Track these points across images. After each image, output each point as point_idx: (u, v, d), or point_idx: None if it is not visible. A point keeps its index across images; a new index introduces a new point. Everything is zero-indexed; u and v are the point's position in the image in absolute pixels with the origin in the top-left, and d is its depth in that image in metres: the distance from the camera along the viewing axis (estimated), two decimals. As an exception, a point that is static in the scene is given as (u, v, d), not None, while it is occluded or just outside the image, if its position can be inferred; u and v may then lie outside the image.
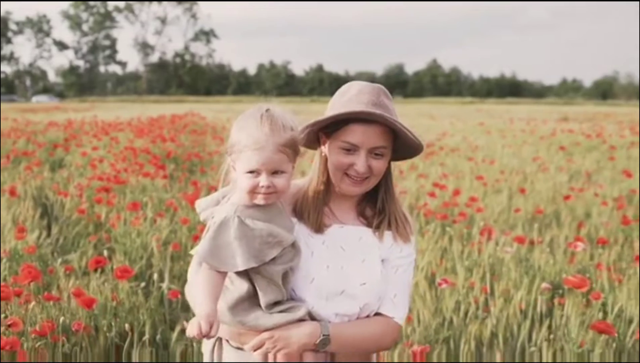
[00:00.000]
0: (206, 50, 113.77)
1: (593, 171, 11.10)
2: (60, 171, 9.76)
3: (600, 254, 5.03)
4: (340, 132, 1.86)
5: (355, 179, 1.87)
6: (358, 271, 1.88)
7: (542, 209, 6.91)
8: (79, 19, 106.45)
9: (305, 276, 1.84)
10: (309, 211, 1.93)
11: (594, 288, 4.07)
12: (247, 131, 1.72)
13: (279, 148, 1.71)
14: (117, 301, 3.52)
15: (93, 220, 6.34)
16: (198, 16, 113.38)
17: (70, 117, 24.64)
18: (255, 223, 1.72)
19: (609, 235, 5.91)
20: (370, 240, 1.94)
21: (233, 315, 1.77)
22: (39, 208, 6.93)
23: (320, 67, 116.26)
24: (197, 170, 10.33)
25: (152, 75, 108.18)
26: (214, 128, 19.46)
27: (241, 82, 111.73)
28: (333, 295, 1.85)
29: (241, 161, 1.72)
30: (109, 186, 7.31)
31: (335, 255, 1.89)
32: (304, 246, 1.88)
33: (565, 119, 32.11)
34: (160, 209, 6.52)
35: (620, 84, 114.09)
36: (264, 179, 1.70)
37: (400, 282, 1.95)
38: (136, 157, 10.41)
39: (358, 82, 1.95)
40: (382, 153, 1.86)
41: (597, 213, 7.02)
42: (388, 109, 1.86)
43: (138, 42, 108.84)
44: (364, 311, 1.88)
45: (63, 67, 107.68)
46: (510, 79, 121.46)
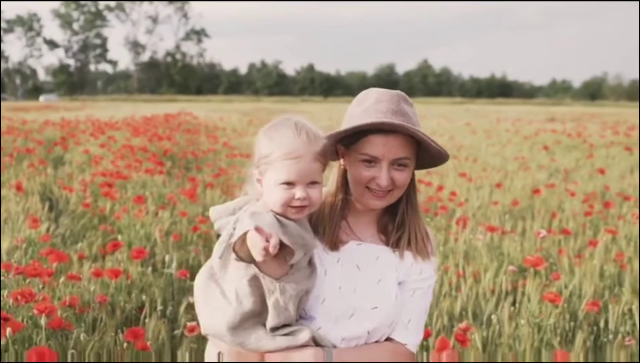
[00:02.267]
0: (197, 49, 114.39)
1: (572, 169, 11.59)
2: (62, 168, 10.18)
3: (563, 242, 5.51)
4: (360, 144, 1.78)
5: (378, 192, 1.79)
6: (371, 294, 1.79)
7: (519, 201, 7.40)
8: (69, 18, 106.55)
9: (317, 296, 1.77)
10: (324, 226, 1.85)
11: (554, 269, 4.56)
12: (282, 141, 1.66)
13: (316, 156, 1.66)
14: (131, 280, 3.98)
15: (97, 213, 6.76)
16: (189, 15, 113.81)
17: (64, 116, 24.98)
18: (287, 222, 1.65)
19: (577, 226, 6.39)
20: (388, 260, 1.85)
21: (234, 335, 1.69)
22: (46, 202, 7.35)
23: (312, 67, 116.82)
24: (193, 167, 10.78)
25: (143, 74, 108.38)
26: (207, 127, 19.91)
27: (232, 82, 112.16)
28: (342, 318, 1.77)
29: (274, 172, 1.65)
30: (111, 181, 7.74)
31: (350, 274, 1.81)
32: (318, 263, 1.79)
33: (552, 119, 32.67)
34: (161, 203, 6.96)
35: (609, 85, 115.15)
36: (300, 191, 1.64)
37: (416, 307, 1.85)
38: (134, 155, 10.84)
39: (376, 90, 1.85)
40: (405, 164, 1.78)
41: (569, 206, 7.51)
42: (409, 116, 1.77)
43: (129, 41, 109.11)
44: (372, 336, 1.79)
45: (53, 66, 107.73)
46: (500, 79, 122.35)
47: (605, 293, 4.28)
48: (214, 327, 1.72)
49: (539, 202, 7.78)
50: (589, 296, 4.03)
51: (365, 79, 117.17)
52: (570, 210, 7.23)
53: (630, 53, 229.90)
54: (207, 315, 1.74)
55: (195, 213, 6.53)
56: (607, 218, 6.84)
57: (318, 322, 1.75)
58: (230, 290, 1.69)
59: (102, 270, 3.94)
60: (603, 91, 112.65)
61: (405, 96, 1.81)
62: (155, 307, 3.68)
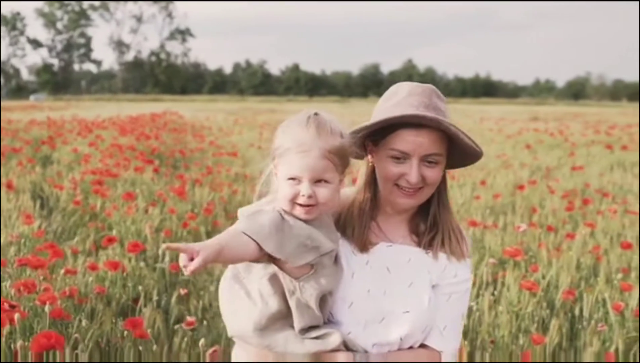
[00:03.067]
0: (182, 49, 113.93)
1: (553, 167, 11.83)
2: (51, 167, 10.28)
3: (543, 236, 5.70)
4: (389, 140, 1.69)
5: (408, 190, 1.70)
6: (402, 298, 1.71)
7: (500, 197, 7.60)
8: (53, 17, 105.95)
9: (343, 299, 1.69)
10: (353, 226, 1.76)
11: (533, 262, 4.75)
12: (292, 133, 1.59)
13: (324, 153, 1.56)
14: (126, 273, 4.13)
15: (88, 211, 6.88)
16: (174, 15, 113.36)
17: (49, 115, 24.98)
18: (296, 222, 1.58)
19: (557, 221, 6.60)
20: (421, 261, 1.76)
21: (261, 336, 1.64)
22: (37, 200, 7.45)
23: (297, 67, 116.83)
24: (181, 166, 10.91)
25: (127, 74, 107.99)
26: (193, 126, 20.01)
27: (217, 81, 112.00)
28: (372, 322, 1.68)
29: (283, 166, 1.59)
30: (101, 179, 7.85)
31: (379, 277, 1.73)
32: (345, 265, 1.71)
33: (535, 118, 33.02)
34: (151, 200, 7.09)
35: (592, 85, 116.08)
36: (305, 188, 1.56)
37: (452, 312, 1.77)
38: (123, 153, 10.96)
39: (407, 83, 1.77)
40: (436, 161, 1.69)
41: (549, 202, 7.72)
42: (441, 111, 1.69)
43: (113, 40, 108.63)
44: (405, 342, 1.70)
45: (37, 66, 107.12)
46: (485, 79, 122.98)
47: (582, 283, 4.47)
48: (239, 328, 1.68)
49: (520, 199, 7.99)
50: (566, 286, 4.21)
51: (350, 79, 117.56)
52: (551, 206, 7.43)
53: (614, 53, 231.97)
54: (232, 316, 1.70)
55: (184, 210, 6.67)
56: (586, 214, 7.05)
57: (347, 327, 1.67)
58: (255, 290, 1.65)
59: (96, 264, 4.07)
60: (586, 91, 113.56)
61: (437, 91, 1.74)
62: (150, 298, 3.82)
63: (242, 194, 7.95)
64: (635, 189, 9.46)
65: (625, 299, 4.00)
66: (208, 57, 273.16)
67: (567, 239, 5.29)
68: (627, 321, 3.77)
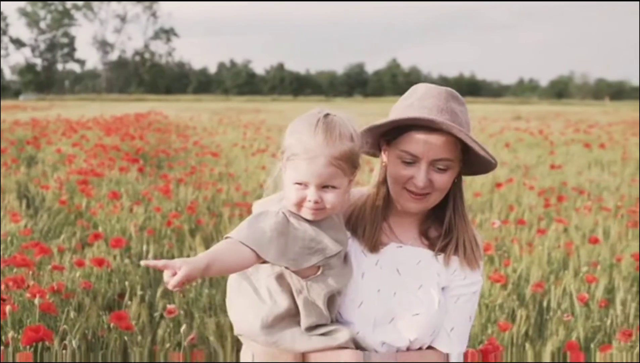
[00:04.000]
0: (166, 48, 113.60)
1: (532, 165, 12.04)
2: (36, 167, 10.35)
3: (519, 232, 5.88)
4: (400, 141, 1.68)
5: (415, 194, 1.69)
6: (412, 299, 1.72)
7: (480, 194, 7.78)
8: (36, 17, 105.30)
9: (353, 299, 1.70)
10: (364, 226, 1.77)
11: (506, 256, 4.93)
12: (299, 137, 1.58)
13: (332, 160, 1.55)
14: (111, 269, 4.26)
15: (73, 210, 6.98)
16: (158, 14, 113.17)
17: (32, 115, 24.93)
18: (301, 224, 1.58)
19: (533, 218, 6.78)
20: (430, 264, 1.76)
21: (268, 334, 1.64)
22: (23, 200, 7.55)
23: (281, 66, 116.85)
24: (165, 165, 11.02)
25: (111, 73, 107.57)
26: (177, 126, 20.09)
27: (202, 81, 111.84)
28: (381, 322, 1.70)
29: (290, 169, 1.59)
30: (86, 179, 7.96)
31: (389, 278, 1.73)
32: (355, 265, 1.72)
33: (518, 118, 33.30)
34: (136, 199, 7.20)
35: (575, 84, 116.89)
36: (311, 193, 1.56)
37: (460, 314, 1.77)
38: (107, 153, 11.05)
39: (425, 85, 1.75)
40: (446, 166, 1.67)
41: (526, 200, 7.91)
42: (456, 115, 1.66)
43: (97, 40, 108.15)
44: (414, 344, 1.71)
45: (20, 65, 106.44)
46: (469, 78, 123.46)
47: (552, 277, 4.65)
48: (247, 326, 1.68)
49: (498, 196, 8.17)
50: (536, 280, 4.39)
51: (335, 78, 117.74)
52: (528, 203, 7.62)
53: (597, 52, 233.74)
54: (240, 313, 1.70)
55: (168, 209, 6.79)
56: (561, 211, 7.24)
57: (356, 327, 1.68)
58: (263, 287, 1.66)
59: (83, 260, 4.20)
60: (569, 90, 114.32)
61: (455, 94, 1.71)
62: (135, 293, 3.96)
63: (226, 193, 8.08)
64: (611, 187, 9.69)
65: (591, 291, 4.18)
66: (193, 57, 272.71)
67: (539, 234, 5.46)
68: (592, 312, 3.95)
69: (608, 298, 4.24)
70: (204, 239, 5.84)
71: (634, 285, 4.37)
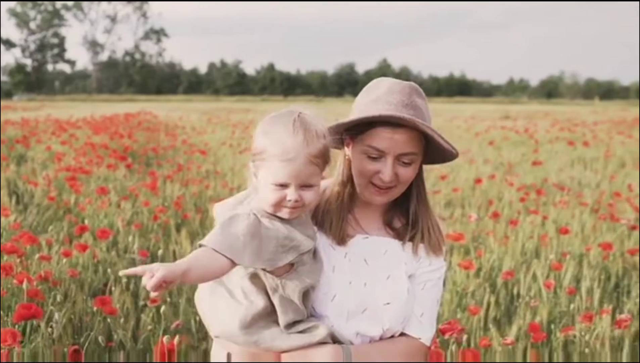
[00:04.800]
0: (157, 49, 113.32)
1: (516, 163, 12.22)
2: (25, 165, 10.47)
3: (497, 226, 6.06)
4: (366, 136, 1.72)
5: (380, 188, 1.74)
6: (382, 289, 1.76)
7: (460, 191, 7.96)
8: (26, 17, 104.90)
9: (326, 293, 1.73)
10: (331, 220, 1.80)
11: (481, 247, 5.10)
12: (276, 138, 1.58)
13: (311, 159, 1.58)
14: (97, 259, 4.40)
15: (62, 206, 7.11)
16: (148, 15, 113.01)
17: (22, 116, 24.96)
18: (273, 223, 1.60)
19: (512, 212, 6.96)
20: (397, 253, 1.81)
21: (247, 334, 1.65)
22: (12, 196, 7.67)
23: (272, 66, 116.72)
24: (154, 163, 11.13)
25: (101, 74, 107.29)
26: (166, 125, 20.20)
27: (192, 81, 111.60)
28: (354, 313, 1.74)
29: (267, 171, 1.59)
30: (75, 176, 8.08)
31: (358, 269, 1.78)
32: (325, 259, 1.76)
33: (506, 117, 33.52)
34: (124, 195, 7.34)
35: (565, 84, 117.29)
36: (292, 193, 1.58)
37: (428, 299, 1.83)
38: (96, 152, 11.17)
39: (388, 80, 1.79)
40: (411, 160, 1.72)
41: (507, 195, 8.08)
42: (420, 110, 1.71)
43: (87, 40, 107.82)
44: (387, 332, 1.77)
45: (9, 66, 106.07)
46: (459, 78, 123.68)
47: (524, 266, 4.82)
48: (225, 328, 1.69)
49: (479, 192, 8.35)
50: (508, 269, 4.57)
51: (325, 78, 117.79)
52: (508, 199, 7.80)
53: (587, 52, 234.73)
54: (216, 317, 1.72)
55: (155, 204, 6.93)
56: (540, 205, 7.42)
57: (330, 320, 1.72)
58: (237, 289, 1.67)
59: (70, 251, 4.34)
60: (559, 89, 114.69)
61: (417, 89, 1.76)
62: (120, 281, 4.10)
63: (212, 190, 8.22)
64: (592, 183, 9.88)
65: (560, 279, 4.36)
66: (183, 57, 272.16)
67: (512, 225, 5.63)
68: (559, 298, 4.13)
69: (578, 287, 4.42)
70: (190, 233, 5.98)
71: (602, 274, 4.55)
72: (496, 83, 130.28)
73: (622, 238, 5.61)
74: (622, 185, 9.32)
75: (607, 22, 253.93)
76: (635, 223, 6.13)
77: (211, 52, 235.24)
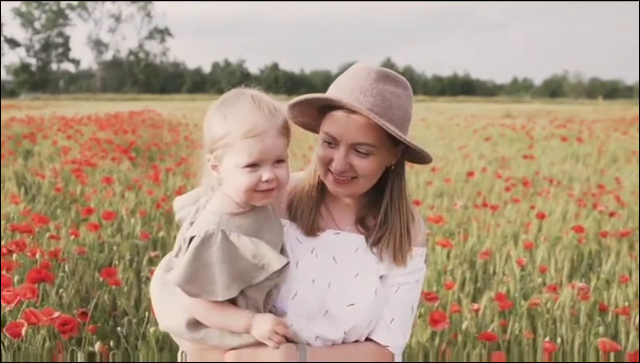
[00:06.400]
0: (161, 48, 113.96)
1: (511, 158, 12.49)
2: (32, 159, 10.80)
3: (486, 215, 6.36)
4: (325, 121, 1.62)
5: (337, 177, 1.62)
6: (347, 289, 1.63)
7: (451, 182, 8.26)
8: (31, 17, 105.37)
9: (288, 290, 1.62)
10: (302, 210, 1.70)
11: (465, 232, 5.41)
12: (241, 118, 1.49)
13: (280, 130, 1.51)
14: (103, 240, 4.73)
15: (68, 197, 7.43)
16: (152, 14, 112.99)
17: (28, 114, 25.29)
18: (240, 240, 1.50)
19: (500, 202, 7.26)
20: (368, 251, 1.69)
21: (194, 331, 1.58)
22: (21, 187, 7.99)
23: (276, 66, 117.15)
24: (157, 158, 11.46)
25: (105, 73, 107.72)
26: (170, 123, 20.53)
27: (196, 81, 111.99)
28: (315, 315, 1.62)
29: (234, 154, 1.49)
30: (80, 168, 8.41)
31: (325, 267, 1.65)
32: (290, 253, 1.64)
33: (508, 116, 33.72)
34: (128, 185, 7.66)
35: (569, 83, 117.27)
36: (267, 172, 1.48)
37: (400, 304, 1.69)
38: (101, 146, 11.51)
39: (361, 64, 1.66)
40: (367, 151, 1.58)
41: (498, 187, 8.38)
42: (384, 98, 1.56)
43: (91, 40, 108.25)
44: (350, 336, 1.64)
45: (14, 65, 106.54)
46: (463, 78, 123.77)
47: (503, 248, 5.12)
48: (171, 323, 1.64)
49: (471, 184, 8.64)
50: (486, 249, 4.88)
51: (329, 78, 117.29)
52: (497, 191, 8.09)
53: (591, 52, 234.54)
54: (164, 311, 1.65)
55: (158, 194, 7.24)
56: (527, 196, 7.71)
57: (290, 319, 1.61)
58: None
59: (77, 231, 4.67)
60: (563, 89, 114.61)
61: (391, 76, 1.61)
62: (124, 259, 4.42)
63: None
64: (582, 177, 10.14)
65: (534, 258, 4.67)
66: (187, 57, 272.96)
67: (491, 210, 5.94)
68: (532, 275, 4.43)
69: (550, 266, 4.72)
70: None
71: (574, 254, 4.86)
72: (500, 83, 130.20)
73: (599, 224, 5.91)
74: (610, 179, 9.59)
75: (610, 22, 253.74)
76: (614, 210, 6.43)
77: (215, 51, 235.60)
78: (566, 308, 3.59)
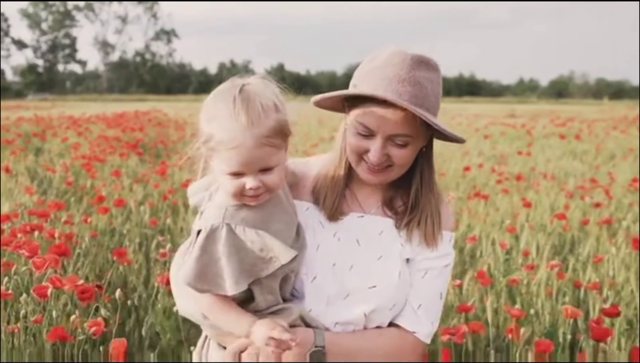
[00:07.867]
0: (167, 49, 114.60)
1: (509, 155, 12.74)
2: (42, 156, 11.14)
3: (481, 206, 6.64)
4: (358, 111, 1.56)
5: (372, 167, 1.58)
6: (369, 271, 1.59)
7: (445, 176, 8.54)
8: (38, 18, 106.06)
9: (306, 273, 1.59)
10: (325, 194, 1.66)
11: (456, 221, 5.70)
12: (219, 124, 1.43)
13: (262, 140, 1.41)
14: (114, 226, 5.05)
15: (79, 191, 7.75)
16: (159, 15, 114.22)
17: (36, 114, 25.63)
18: (246, 233, 1.47)
19: (493, 194, 7.54)
20: (394, 234, 1.65)
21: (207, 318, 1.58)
22: (34, 181, 8.32)
23: (282, 67, 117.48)
24: (164, 155, 11.80)
25: (112, 74, 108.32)
26: (176, 122, 20.86)
27: (202, 82, 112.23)
28: (335, 299, 1.58)
29: (218, 160, 1.46)
30: (90, 163, 8.74)
31: (347, 250, 1.62)
32: (311, 237, 1.62)
33: (512, 115, 33.88)
34: (136, 178, 7.98)
35: (575, 84, 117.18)
36: (250, 181, 1.44)
37: (428, 290, 1.64)
38: (109, 143, 11.85)
39: (391, 48, 1.60)
40: (405, 142, 1.55)
41: (493, 182, 8.65)
42: (421, 86, 1.52)
43: (98, 41, 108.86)
44: (371, 319, 1.59)
45: (21, 66, 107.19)
46: (469, 78, 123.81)
47: (491, 235, 5.42)
48: (190, 310, 1.63)
49: (468, 179, 8.92)
50: (473, 235, 5.17)
51: (335, 79, 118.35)
52: (492, 185, 8.37)
53: (597, 52, 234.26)
54: (184, 298, 1.63)
55: (165, 187, 7.55)
56: (521, 190, 7.98)
57: (309, 303, 1.58)
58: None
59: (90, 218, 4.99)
60: (569, 89, 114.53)
61: (424, 60, 1.56)
62: (134, 243, 4.74)
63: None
64: (577, 173, 10.38)
65: (519, 243, 4.97)
66: (193, 58, 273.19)
67: (482, 199, 6.23)
68: (513, 258, 4.73)
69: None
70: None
71: (556, 239, 5.16)
72: (506, 83, 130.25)
73: (584, 214, 6.20)
74: (604, 174, 9.82)
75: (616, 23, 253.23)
76: (601, 201, 6.70)
77: (221, 52, 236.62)
78: (542, 285, 3.89)
